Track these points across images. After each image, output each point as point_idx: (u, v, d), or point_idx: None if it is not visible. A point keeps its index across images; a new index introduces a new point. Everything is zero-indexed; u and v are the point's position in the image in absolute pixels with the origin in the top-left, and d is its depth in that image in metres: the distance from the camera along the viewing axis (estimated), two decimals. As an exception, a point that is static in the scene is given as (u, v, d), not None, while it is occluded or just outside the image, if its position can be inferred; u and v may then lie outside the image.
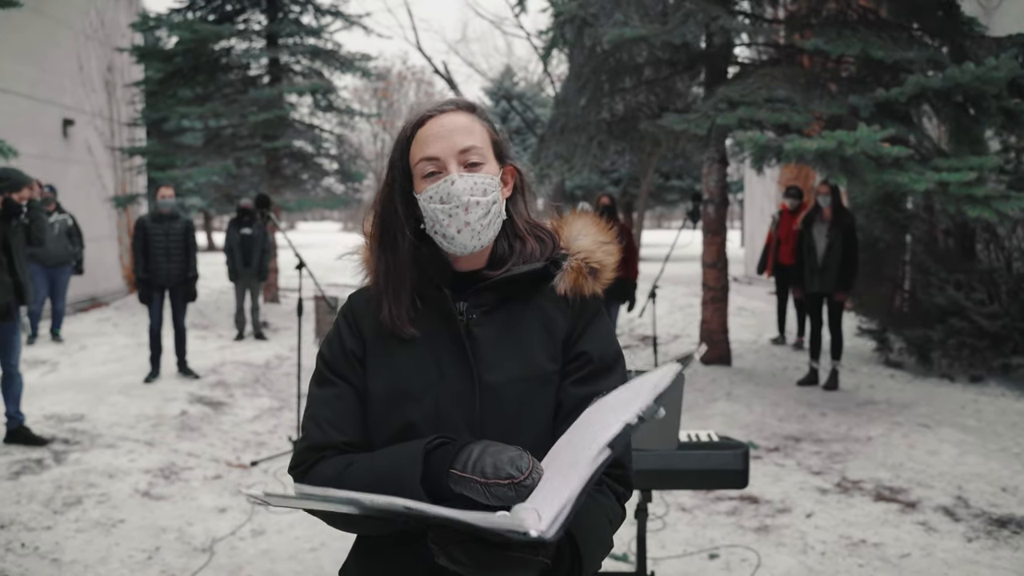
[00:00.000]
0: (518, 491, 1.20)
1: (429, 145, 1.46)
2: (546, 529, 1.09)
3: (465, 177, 1.44)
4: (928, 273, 8.48)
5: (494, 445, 1.28)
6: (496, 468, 1.22)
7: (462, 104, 1.51)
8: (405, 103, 46.10)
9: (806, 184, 13.52)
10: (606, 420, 1.25)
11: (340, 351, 1.53)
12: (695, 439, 3.18)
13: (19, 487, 5.14)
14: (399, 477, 1.31)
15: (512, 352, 1.48)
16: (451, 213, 1.44)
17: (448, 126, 1.47)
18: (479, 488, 1.23)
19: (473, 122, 1.49)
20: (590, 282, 1.54)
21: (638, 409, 1.19)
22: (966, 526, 4.61)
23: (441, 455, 1.30)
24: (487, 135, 1.51)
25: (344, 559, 1.59)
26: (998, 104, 6.46)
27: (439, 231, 1.47)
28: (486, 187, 1.46)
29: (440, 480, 1.28)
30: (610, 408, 1.30)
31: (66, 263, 10.06)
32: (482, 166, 1.47)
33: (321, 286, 6.97)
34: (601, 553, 1.38)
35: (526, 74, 36.79)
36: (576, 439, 1.29)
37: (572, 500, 1.11)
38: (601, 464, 1.14)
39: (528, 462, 1.23)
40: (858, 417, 6.86)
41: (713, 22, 7.14)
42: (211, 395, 7.72)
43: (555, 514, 1.10)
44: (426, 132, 1.47)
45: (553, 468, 1.26)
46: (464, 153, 1.46)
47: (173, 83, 13.84)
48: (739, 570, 4.08)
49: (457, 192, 1.44)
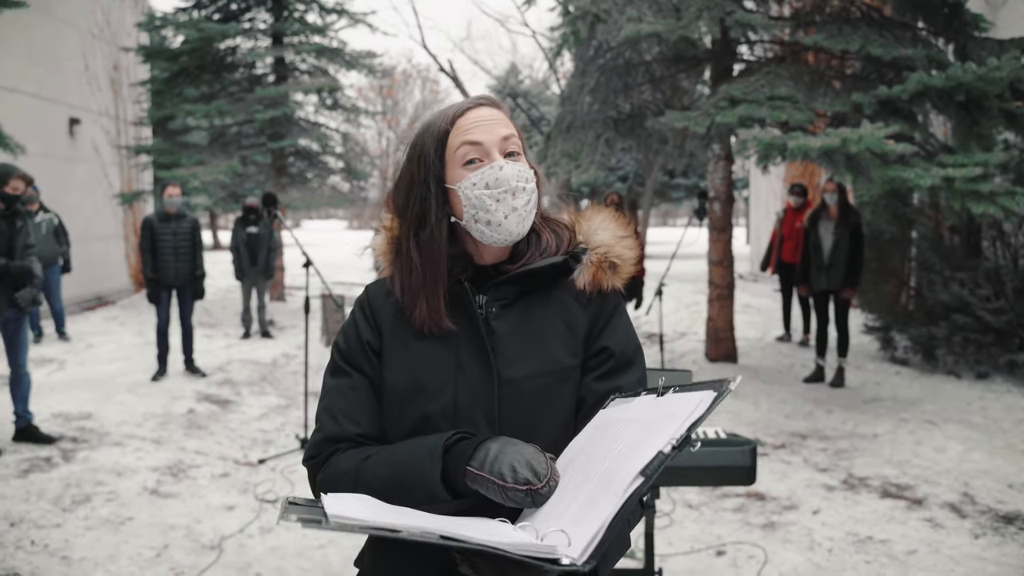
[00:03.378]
0: (535, 498, 1.21)
1: (472, 132, 1.46)
2: (578, 556, 1.09)
3: (510, 163, 1.46)
4: (933, 270, 8.48)
5: (512, 443, 1.28)
6: (515, 471, 1.22)
7: (495, 100, 1.53)
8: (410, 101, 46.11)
9: (812, 182, 13.50)
10: (635, 438, 1.23)
11: (356, 342, 1.53)
12: (702, 436, 3.18)
13: (28, 485, 5.17)
14: (418, 473, 1.31)
15: (531, 346, 1.47)
16: (499, 198, 1.44)
17: (488, 116, 1.48)
18: (496, 490, 1.23)
19: (506, 116, 1.51)
20: (610, 276, 1.54)
21: (671, 437, 1.18)
22: (972, 523, 4.61)
23: (459, 451, 1.30)
24: (518, 130, 1.53)
25: (354, 556, 1.60)
26: (1000, 105, 6.45)
27: (483, 218, 1.45)
28: (527, 176, 1.47)
29: (457, 477, 1.28)
30: (637, 423, 1.27)
31: (54, 262, 10.06)
32: (520, 156, 1.49)
33: (328, 284, 6.98)
34: (619, 553, 1.39)
35: (531, 72, 36.77)
36: (599, 448, 1.28)
37: (604, 529, 1.11)
38: (634, 492, 1.13)
39: (546, 466, 1.23)
40: (864, 414, 6.86)
41: (728, 16, 7.12)
42: (218, 393, 7.74)
43: (588, 541, 1.10)
44: (467, 120, 1.47)
45: (574, 480, 1.24)
46: (505, 141, 1.47)
47: (179, 82, 13.87)
48: (746, 567, 4.09)
49: (506, 177, 1.44)
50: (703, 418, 1.21)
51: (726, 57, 8.45)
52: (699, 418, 1.21)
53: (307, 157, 15.25)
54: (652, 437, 1.20)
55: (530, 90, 30.22)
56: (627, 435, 1.25)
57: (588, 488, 1.20)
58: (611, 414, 1.37)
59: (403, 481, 1.33)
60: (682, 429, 1.19)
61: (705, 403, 1.24)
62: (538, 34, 20.30)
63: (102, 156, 14.21)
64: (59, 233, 10.11)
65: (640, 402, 1.35)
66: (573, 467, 1.28)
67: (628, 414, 1.33)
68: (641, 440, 1.21)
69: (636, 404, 1.35)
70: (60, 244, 10.12)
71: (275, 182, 14.15)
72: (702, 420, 1.21)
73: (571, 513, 1.17)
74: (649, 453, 1.17)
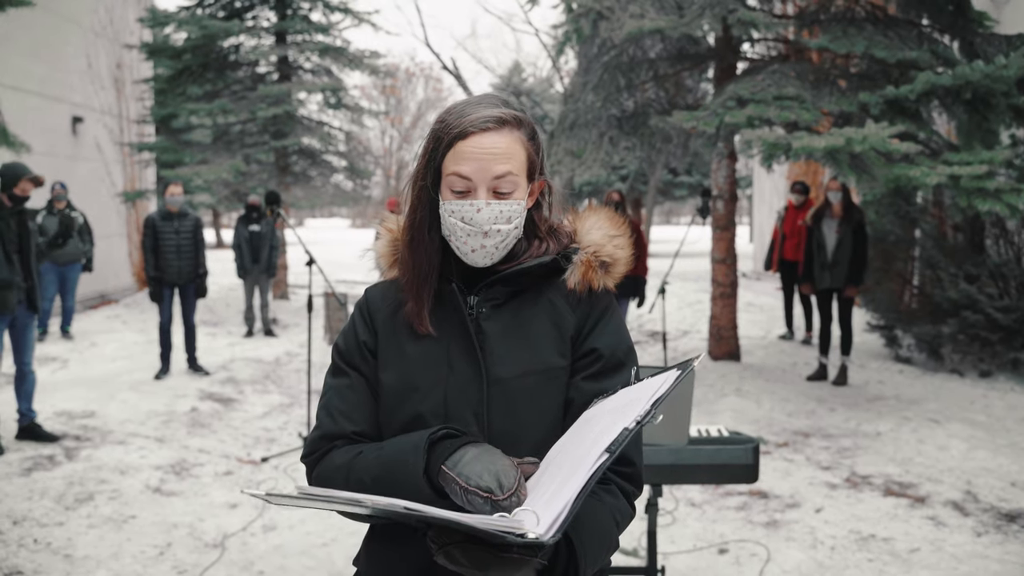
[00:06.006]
0: (493, 507, 1.22)
1: (464, 163, 1.43)
2: (543, 532, 1.10)
3: (492, 205, 1.43)
4: (937, 268, 8.46)
5: (491, 452, 1.30)
6: (480, 477, 1.24)
7: (509, 119, 1.46)
8: (413, 100, 46.15)
9: (815, 180, 13.48)
10: (605, 424, 1.26)
11: (354, 343, 1.55)
12: (705, 434, 3.18)
13: (31, 484, 5.18)
14: (403, 466, 1.33)
15: (521, 346, 1.48)
16: (469, 233, 1.44)
17: (488, 148, 1.43)
18: (458, 491, 1.25)
19: (514, 143, 1.46)
20: (600, 276, 1.53)
21: (636, 415, 1.21)
22: (975, 521, 4.60)
23: (443, 448, 1.32)
24: (525, 156, 1.48)
25: (355, 553, 1.61)
26: (1007, 102, 6.44)
27: (454, 243, 1.48)
28: (510, 215, 1.45)
29: (434, 475, 1.31)
30: (610, 412, 1.31)
31: (76, 260, 10.13)
32: (512, 193, 1.46)
33: (331, 282, 6.98)
34: (604, 553, 1.38)
35: (535, 70, 36.78)
36: (575, 442, 1.30)
37: (570, 503, 1.12)
38: (598, 468, 1.15)
39: (514, 481, 1.24)
40: (867, 412, 6.85)
41: (731, 14, 7.11)
42: (221, 391, 7.75)
43: (553, 517, 1.12)
44: (464, 148, 1.43)
45: (551, 471, 1.27)
46: (497, 179, 1.43)
47: (182, 80, 13.87)
48: (749, 565, 4.08)
49: (480, 220, 1.43)
50: (667, 394, 1.24)
51: (730, 55, 8.43)
52: (663, 394, 1.24)
53: (310, 156, 15.25)
54: (621, 420, 1.22)
55: (533, 88, 30.20)
56: (600, 424, 1.28)
57: (561, 475, 1.22)
58: (592, 412, 1.39)
59: (390, 474, 1.35)
60: (647, 406, 1.21)
61: (669, 381, 1.27)
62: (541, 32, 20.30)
63: (105, 154, 14.21)
64: (83, 232, 10.14)
65: (617, 395, 1.38)
66: (551, 465, 1.30)
67: (606, 407, 1.35)
68: (611, 425, 1.24)
69: (613, 398, 1.38)
70: (84, 243, 10.15)
71: (278, 180, 14.16)
72: (666, 396, 1.24)
73: (544, 499, 1.19)
74: (615, 432, 1.19)
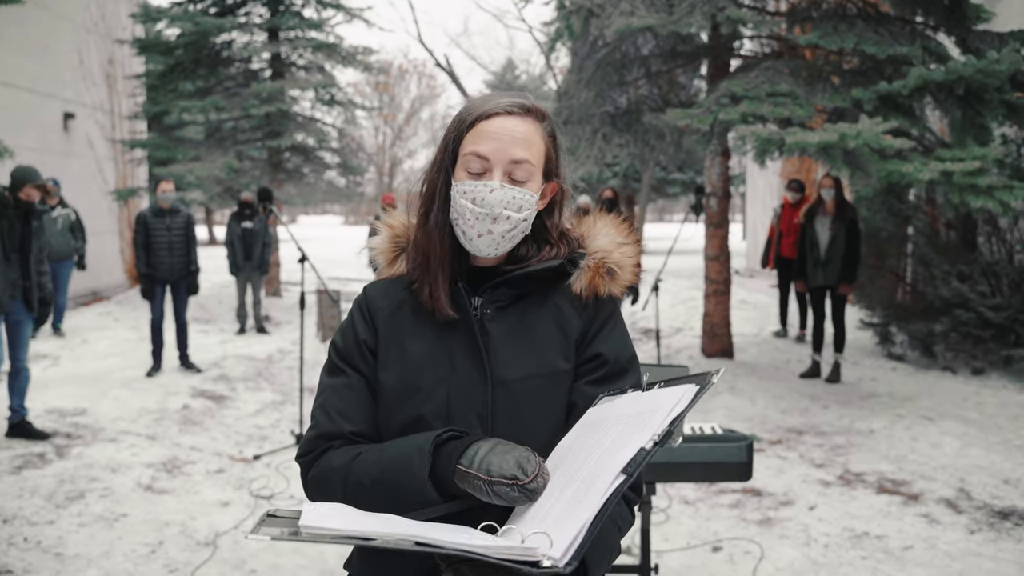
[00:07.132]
0: (521, 492, 1.19)
1: (483, 142, 1.43)
2: (559, 558, 1.07)
3: (506, 188, 1.42)
4: (930, 266, 8.47)
5: (503, 444, 1.27)
6: (501, 468, 1.21)
7: (533, 110, 1.48)
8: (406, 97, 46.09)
9: (808, 177, 13.49)
10: (617, 435, 1.22)
11: (353, 341, 1.53)
12: (699, 432, 3.17)
13: (21, 482, 5.15)
14: (407, 469, 1.30)
15: (525, 349, 1.46)
16: (478, 216, 1.43)
17: (509, 130, 1.43)
18: (482, 485, 1.22)
19: (535, 134, 1.46)
20: (607, 282, 1.52)
21: (653, 433, 1.17)
22: (968, 518, 4.61)
23: (450, 449, 1.29)
24: (544, 149, 1.48)
25: (348, 553, 1.59)
26: (1000, 97, 6.45)
27: (461, 226, 1.45)
28: (522, 204, 1.44)
29: (447, 475, 1.27)
30: (621, 420, 1.27)
31: (68, 257, 10.09)
32: (526, 183, 1.45)
33: (323, 279, 6.96)
34: (608, 560, 1.37)
35: (528, 67, 36.79)
36: (585, 448, 1.27)
37: (586, 528, 1.09)
38: (616, 490, 1.12)
39: (535, 465, 1.22)
40: (860, 410, 6.86)
41: (720, 12, 7.11)
42: (213, 389, 7.72)
43: (569, 542, 1.08)
44: (486, 127, 1.44)
45: (561, 481, 1.23)
46: (514, 164, 1.43)
47: (174, 76, 13.83)
48: (742, 563, 4.08)
49: (492, 201, 1.42)
50: (685, 412, 1.21)
51: (723, 52, 8.43)
52: (681, 412, 1.21)
53: (303, 152, 15.22)
54: (635, 433, 1.19)
55: (527, 85, 30.19)
56: (611, 433, 1.25)
57: (572, 489, 1.19)
58: (598, 412, 1.37)
59: (392, 478, 1.32)
60: (664, 424, 1.19)
61: (687, 397, 1.24)
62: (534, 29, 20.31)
63: (97, 151, 14.15)
64: (75, 229, 10.10)
65: (626, 399, 1.35)
66: (559, 469, 1.27)
67: (614, 412, 1.33)
68: (624, 437, 1.20)
69: (622, 401, 1.35)
70: (76, 240, 10.11)
71: (271, 177, 14.12)
72: (685, 414, 1.21)
73: (555, 515, 1.16)
74: (631, 450, 1.16)
